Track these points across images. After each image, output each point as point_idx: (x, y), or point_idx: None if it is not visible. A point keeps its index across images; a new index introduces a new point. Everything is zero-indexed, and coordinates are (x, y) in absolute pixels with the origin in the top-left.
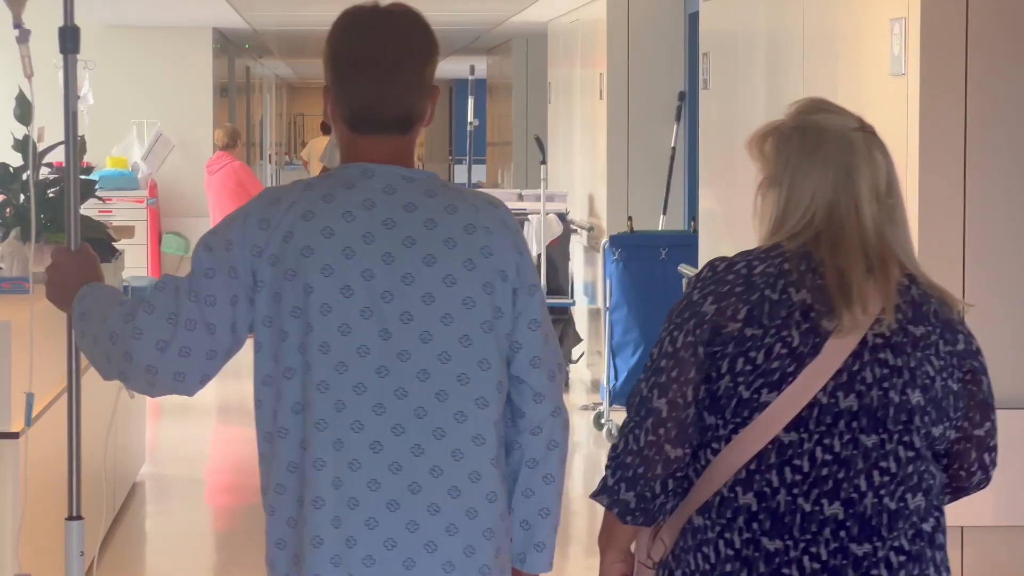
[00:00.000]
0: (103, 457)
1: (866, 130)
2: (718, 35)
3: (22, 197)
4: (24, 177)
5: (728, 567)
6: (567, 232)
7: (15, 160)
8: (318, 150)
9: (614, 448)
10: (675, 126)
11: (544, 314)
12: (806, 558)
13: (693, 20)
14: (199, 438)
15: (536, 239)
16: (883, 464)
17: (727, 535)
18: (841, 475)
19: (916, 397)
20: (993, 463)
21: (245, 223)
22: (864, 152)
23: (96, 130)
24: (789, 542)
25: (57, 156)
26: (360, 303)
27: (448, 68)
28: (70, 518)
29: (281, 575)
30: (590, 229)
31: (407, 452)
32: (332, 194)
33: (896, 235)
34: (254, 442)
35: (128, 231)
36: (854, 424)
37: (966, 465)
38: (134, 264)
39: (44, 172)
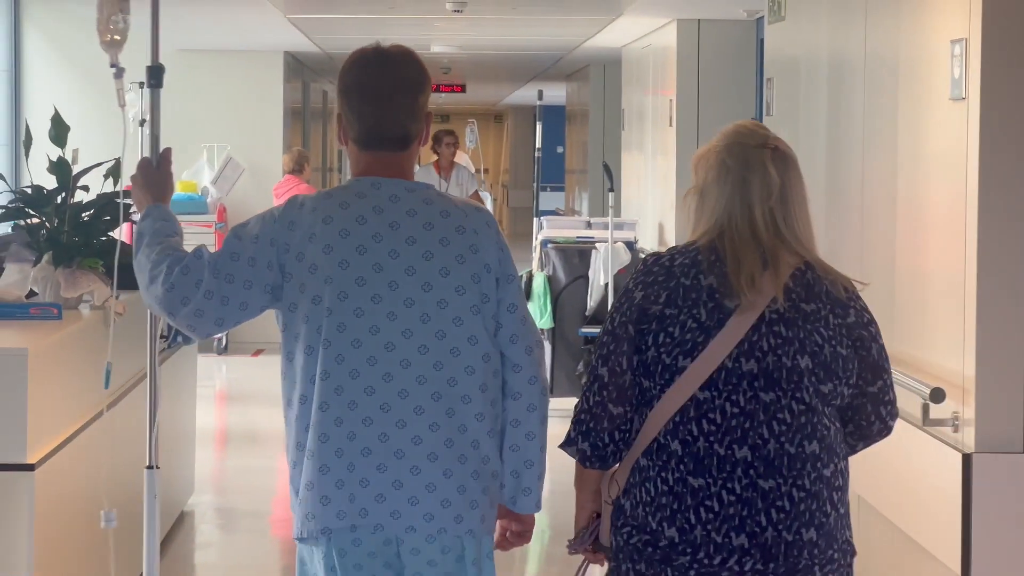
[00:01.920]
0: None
1: (769, 146)
2: (782, 61)
3: (56, 220)
4: (58, 200)
5: (663, 500)
6: (635, 261)
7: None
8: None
9: (575, 408)
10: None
11: (521, 299)
12: (724, 492)
13: (764, 46)
14: (263, 469)
15: (604, 268)
16: (780, 416)
17: (663, 474)
18: (747, 425)
19: (805, 361)
20: (891, 415)
21: (274, 223)
22: (759, 167)
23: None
24: (709, 479)
25: (94, 180)
26: (371, 291)
27: (528, 94)
28: (149, 467)
29: (306, 511)
30: None
31: (410, 411)
32: (347, 202)
33: (792, 232)
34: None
35: None
36: (755, 384)
37: (864, 417)
38: None
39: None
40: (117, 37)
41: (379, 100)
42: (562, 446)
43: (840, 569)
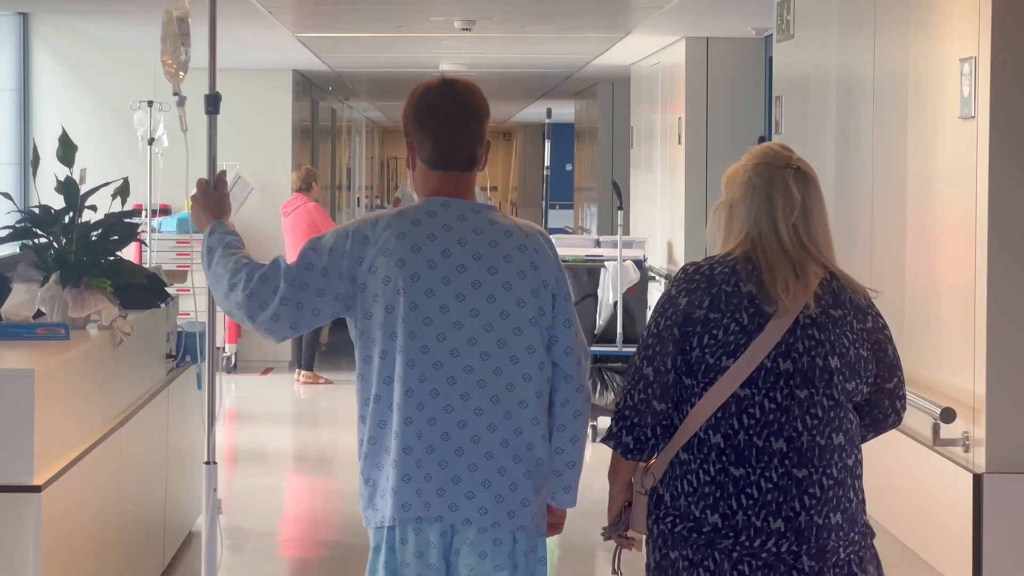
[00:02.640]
0: (157, 505)
1: (791, 167)
2: (791, 79)
3: (63, 240)
4: (66, 220)
5: (706, 489)
6: (644, 279)
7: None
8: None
9: (617, 405)
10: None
11: (574, 315)
12: (762, 480)
13: (772, 64)
14: (271, 488)
15: (612, 286)
16: (812, 411)
17: (705, 466)
18: (783, 419)
19: (835, 362)
20: (903, 407)
21: (348, 238)
22: (782, 186)
23: (176, 172)
24: (749, 469)
25: (127, 199)
26: (439, 302)
27: (537, 112)
28: (207, 463)
29: (375, 501)
30: (668, 276)
31: (471, 413)
32: (420, 220)
33: (815, 244)
34: (329, 494)
35: (181, 276)
36: (791, 382)
37: (882, 410)
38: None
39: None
40: (182, 73)
41: (452, 124)
42: (604, 440)
43: (861, 550)
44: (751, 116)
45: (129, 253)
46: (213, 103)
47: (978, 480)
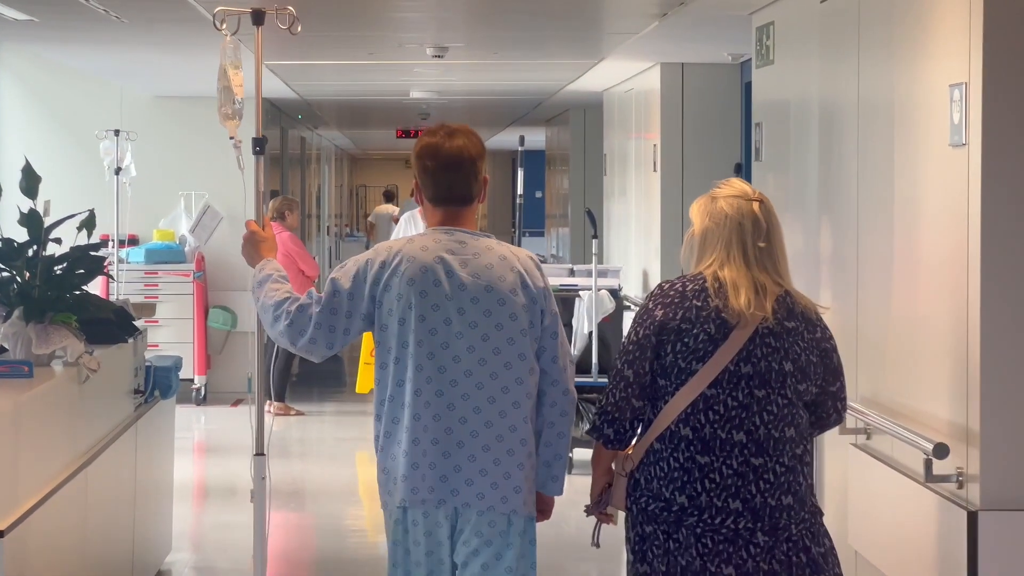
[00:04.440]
0: (124, 544)
1: (755, 199)
2: (770, 105)
3: (27, 274)
4: (30, 253)
5: (675, 474)
6: (620, 308)
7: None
8: (384, 216)
9: (600, 403)
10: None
11: (560, 327)
12: (724, 467)
13: (749, 90)
14: (242, 525)
15: (588, 316)
16: (769, 408)
17: (675, 454)
18: (744, 415)
19: (788, 366)
20: (844, 408)
21: (367, 265)
22: (749, 215)
23: (144, 202)
24: (713, 457)
25: (102, 227)
26: (444, 315)
27: (508, 139)
28: (257, 454)
29: (388, 487)
30: None
31: (470, 410)
32: (427, 246)
33: (775, 267)
34: (302, 529)
35: (149, 309)
36: (751, 383)
37: (825, 410)
38: (181, 339)
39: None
40: (237, 120)
41: (449, 169)
42: (588, 432)
43: (812, 526)
44: (727, 143)
45: (96, 284)
46: (260, 145)
47: (972, 517)
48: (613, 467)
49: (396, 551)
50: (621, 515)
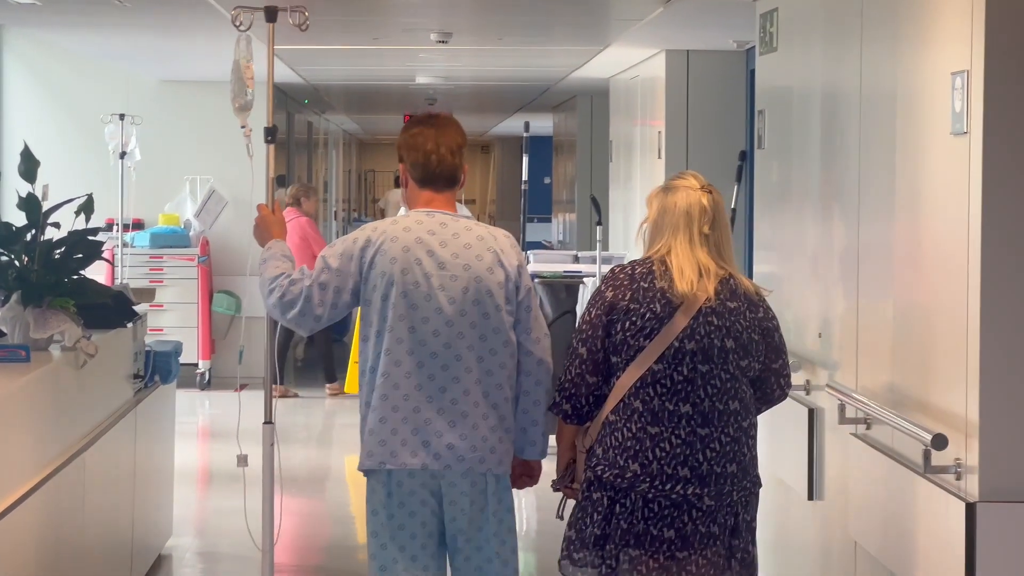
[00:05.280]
0: (124, 529)
1: (704, 189)
2: (773, 92)
3: (25, 258)
4: (28, 237)
5: (628, 443)
6: None
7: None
8: (393, 201)
9: (558, 379)
10: (735, 187)
11: (534, 301)
12: (673, 437)
13: (754, 77)
14: (248, 510)
15: None
16: (712, 382)
17: (628, 425)
18: (689, 388)
19: (730, 343)
20: (788, 385)
21: (354, 243)
22: (697, 203)
23: (149, 186)
24: (662, 427)
25: (103, 213)
26: (424, 291)
27: (515, 125)
28: (266, 422)
29: (369, 450)
30: None
31: (450, 380)
32: (409, 227)
33: (719, 252)
34: (305, 516)
35: (149, 293)
36: (695, 358)
37: (769, 387)
38: (185, 323)
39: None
40: (246, 112)
41: (435, 151)
42: (549, 409)
43: (751, 496)
44: (732, 130)
45: (100, 269)
46: (271, 134)
47: (971, 509)
48: (576, 444)
49: (376, 520)
50: None
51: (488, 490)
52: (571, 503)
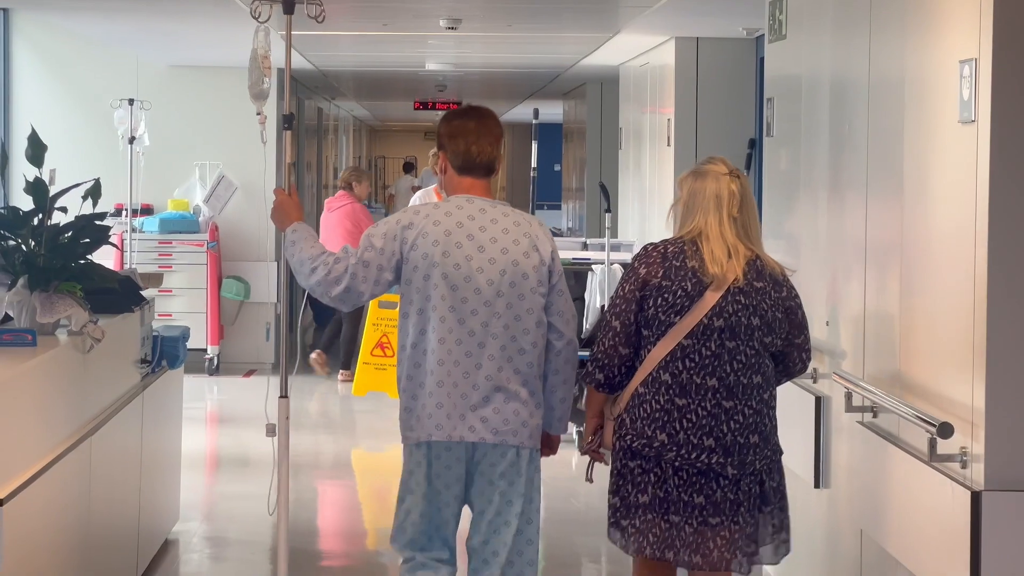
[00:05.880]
0: (130, 514)
1: (732, 174)
2: (783, 80)
3: (32, 243)
4: (35, 221)
5: (657, 415)
6: None
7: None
8: (404, 187)
9: (592, 351)
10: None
11: (564, 285)
12: (699, 409)
13: (764, 65)
14: (253, 495)
15: (600, 290)
16: (738, 357)
17: (657, 397)
18: (716, 363)
19: (756, 321)
20: (808, 358)
21: (397, 224)
22: (726, 187)
23: (158, 172)
24: (689, 400)
25: (109, 198)
26: (464, 273)
27: (525, 112)
28: (281, 397)
29: (411, 423)
30: None
31: (485, 358)
32: (450, 211)
33: (747, 234)
34: (314, 502)
35: (156, 278)
36: (723, 335)
37: (791, 360)
38: (194, 309)
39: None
40: (262, 100)
41: (475, 141)
42: (582, 377)
43: (772, 463)
44: (741, 117)
45: (109, 254)
46: (288, 121)
47: (976, 498)
48: (604, 412)
49: (410, 480)
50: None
51: (520, 463)
52: (598, 466)
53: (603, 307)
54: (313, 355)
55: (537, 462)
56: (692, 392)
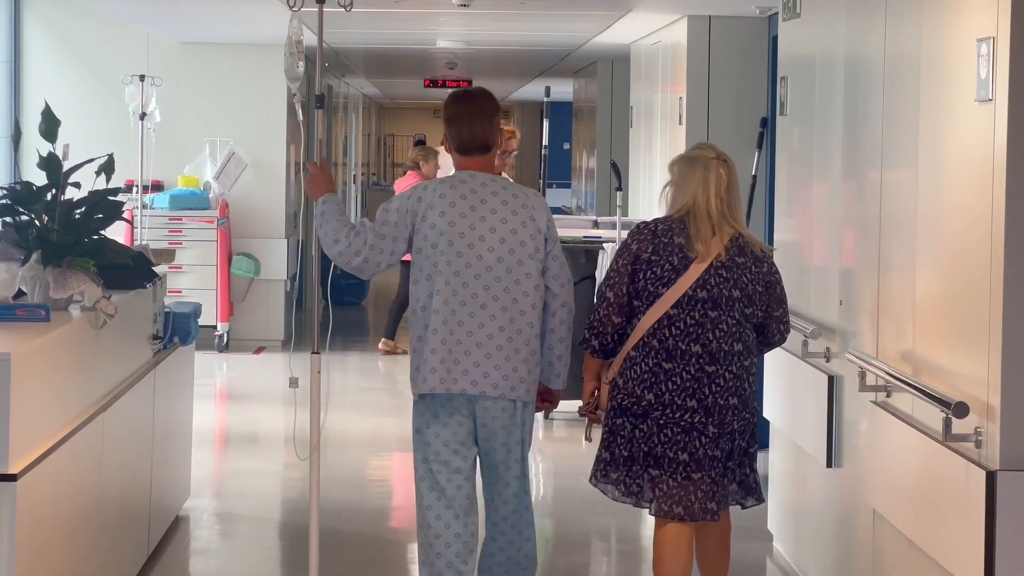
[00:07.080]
0: (142, 490)
1: (720, 158)
2: (796, 59)
3: (45, 218)
4: (48, 197)
5: (645, 376)
6: None
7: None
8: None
9: (588, 319)
10: (756, 153)
11: (560, 251)
12: (684, 372)
13: (777, 44)
14: (263, 472)
15: None
16: (720, 326)
17: (646, 360)
18: (699, 331)
19: (736, 293)
20: (787, 330)
21: (407, 199)
22: (714, 170)
23: (169, 148)
24: (674, 364)
25: (121, 174)
26: (467, 241)
27: (536, 90)
28: (314, 352)
29: (421, 378)
30: None
31: (487, 318)
32: (454, 185)
33: (732, 214)
34: (323, 479)
35: (169, 255)
36: (705, 305)
37: (771, 332)
38: (204, 286)
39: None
40: (298, 82)
41: (470, 123)
42: (580, 343)
43: (749, 425)
44: (754, 96)
45: (120, 230)
46: (320, 101)
47: (991, 478)
48: (600, 376)
49: (420, 438)
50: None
51: (517, 415)
52: (596, 427)
53: None
54: (380, 344)
55: (532, 413)
56: (678, 357)
